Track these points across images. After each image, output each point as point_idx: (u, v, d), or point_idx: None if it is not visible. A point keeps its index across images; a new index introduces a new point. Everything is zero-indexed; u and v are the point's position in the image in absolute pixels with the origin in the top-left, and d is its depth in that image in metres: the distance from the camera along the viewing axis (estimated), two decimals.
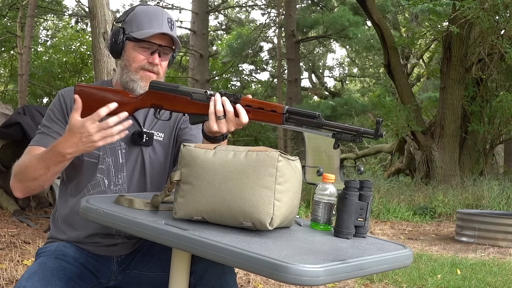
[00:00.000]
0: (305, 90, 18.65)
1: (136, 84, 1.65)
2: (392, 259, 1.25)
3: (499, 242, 5.29)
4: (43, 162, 1.52)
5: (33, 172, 1.53)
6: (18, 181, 1.58)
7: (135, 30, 1.64)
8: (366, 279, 3.54)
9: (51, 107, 1.68)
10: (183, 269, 1.43)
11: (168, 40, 1.66)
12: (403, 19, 16.66)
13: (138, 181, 1.68)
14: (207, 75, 13.30)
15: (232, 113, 1.47)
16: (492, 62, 8.83)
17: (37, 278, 1.44)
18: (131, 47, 1.65)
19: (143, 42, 1.63)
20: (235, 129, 1.50)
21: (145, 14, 1.66)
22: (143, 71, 1.65)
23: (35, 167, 1.53)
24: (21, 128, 4.55)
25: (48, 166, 1.51)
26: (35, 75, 14.11)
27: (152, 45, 1.64)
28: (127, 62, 1.66)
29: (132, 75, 1.65)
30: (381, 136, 1.33)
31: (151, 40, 1.63)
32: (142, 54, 1.65)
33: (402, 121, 8.96)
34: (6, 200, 4.89)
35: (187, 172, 1.29)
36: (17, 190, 1.60)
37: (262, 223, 1.22)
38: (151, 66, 1.65)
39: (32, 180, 1.55)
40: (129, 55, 1.66)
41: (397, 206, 7.26)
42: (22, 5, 9.66)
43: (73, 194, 1.66)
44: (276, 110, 1.44)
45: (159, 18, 1.65)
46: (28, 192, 1.61)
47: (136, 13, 1.66)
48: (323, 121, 1.39)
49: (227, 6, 18.88)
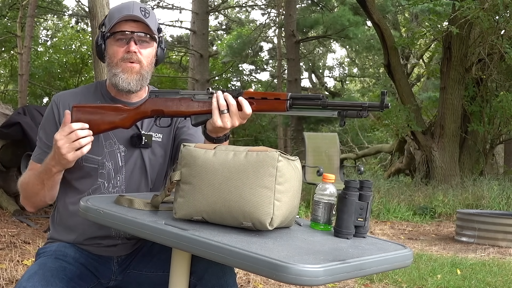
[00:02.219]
0: (305, 90, 18.65)
1: (117, 78, 1.63)
2: (392, 259, 1.25)
3: (499, 242, 5.29)
4: (38, 178, 1.59)
5: (33, 188, 1.61)
6: (24, 198, 1.68)
7: (108, 26, 1.64)
8: (366, 279, 3.54)
9: (46, 116, 1.70)
10: (183, 269, 1.43)
11: (144, 27, 1.63)
12: (403, 19, 16.66)
13: (137, 182, 1.68)
14: (207, 75, 13.29)
15: (235, 106, 1.47)
16: (492, 62, 8.83)
17: (37, 278, 1.44)
18: (110, 44, 1.64)
19: (117, 34, 1.61)
20: (240, 123, 1.49)
21: (116, 9, 1.65)
22: (123, 63, 1.62)
23: (33, 183, 1.61)
24: (21, 128, 4.55)
25: (42, 180, 1.58)
26: (35, 75, 14.11)
27: (125, 34, 1.62)
28: (109, 60, 1.65)
29: (114, 70, 1.63)
30: (387, 107, 1.33)
31: (122, 29, 1.61)
32: (119, 47, 1.62)
33: (402, 121, 8.96)
34: (6, 200, 4.89)
35: (187, 172, 1.29)
36: (26, 206, 1.69)
37: (262, 223, 1.22)
38: (129, 55, 1.62)
39: (33, 196, 1.63)
40: (110, 52, 1.64)
41: (397, 206, 7.26)
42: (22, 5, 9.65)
43: (74, 199, 1.64)
44: (280, 97, 1.45)
45: (129, 7, 1.63)
46: (36, 207, 1.69)
47: (110, 11, 1.67)
48: (327, 101, 1.39)
49: (227, 6, 18.88)
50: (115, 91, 1.69)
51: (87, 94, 1.71)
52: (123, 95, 1.69)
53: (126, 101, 1.69)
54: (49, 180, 1.57)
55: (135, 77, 1.64)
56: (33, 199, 1.64)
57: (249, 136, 16.59)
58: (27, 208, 1.69)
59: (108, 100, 1.69)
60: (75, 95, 1.69)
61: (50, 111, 1.68)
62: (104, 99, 1.70)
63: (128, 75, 1.62)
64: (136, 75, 1.64)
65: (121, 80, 1.63)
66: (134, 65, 1.63)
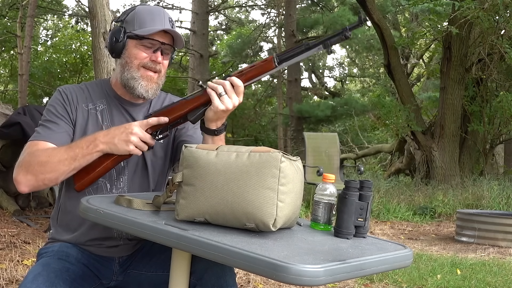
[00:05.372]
0: (305, 90, 18.66)
1: (137, 83, 1.64)
2: (392, 259, 1.24)
3: (499, 242, 5.29)
4: (72, 151, 1.51)
5: (57, 163, 1.50)
6: (29, 173, 1.52)
7: (137, 28, 1.63)
8: (366, 279, 3.54)
9: (52, 103, 1.65)
10: (183, 269, 1.43)
11: (170, 38, 1.66)
12: (403, 19, 16.65)
13: (139, 184, 1.68)
14: (207, 75, 13.30)
15: (229, 84, 1.52)
16: (492, 62, 8.83)
17: (42, 280, 1.43)
18: (133, 45, 1.64)
19: (146, 40, 1.63)
20: (239, 103, 1.54)
21: (147, 13, 1.66)
22: (144, 69, 1.64)
23: (60, 157, 1.50)
24: (21, 128, 4.55)
25: (76, 155, 1.51)
26: (35, 75, 14.11)
27: (154, 42, 1.63)
28: (128, 59, 1.65)
29: (133, 73, 1.64)
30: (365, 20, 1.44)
31: (154, 38, 1.63)
32: (144, 52, 1.64)
33: (402, 121, 8.96)
34: (6, 200, 4.89)
35: (189, 173, 1.29)
36: (25, 183, 1.53)
37: (266, 224, 1.21)
38: (153, 64, 1.64)
39: (51, 171, 1.50)
40: (131, 52, 1.64)
41: (397, 206, 7.26)
42: (22, 5, 9.66)
43: (75, 199, 1.62)
44: (267, 59, 1.50)
45: (161, 16, 1.65)
46: (38, 186, 1.54)
47: (138, 12, 1.66)
48: (311, 43, 1.46)
49: (227, 6, 18.88)
50: (122, 91, 1.69)
51: (92, 90, 1.71)
52: (130, 96, 1.69)
53: (131, 101, 1.71)
54: (84, 158, 1.51)
55: (154, 86, 1.67)
56: (47, 175, 1.50)
57: (249, 136, 16.59)
58: (22, 186, 1.53)
59: (113, 98, 1.70)
60: (81, 91, 1.69)
61: (60, 97, 1.65)
62: (109, 97, 1.70)
63: (149, 83, 1.65)
64: (155, 85, 1.67)
65: (140, 87, 1.64)
66: (155, 75, 1.66)
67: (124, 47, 1.66)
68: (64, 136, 1.61)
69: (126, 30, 1.65)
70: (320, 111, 13.46)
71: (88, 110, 1.66)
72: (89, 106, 1.67)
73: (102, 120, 1.66)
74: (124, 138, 1.51)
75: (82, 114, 1.65)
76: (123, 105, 1.70)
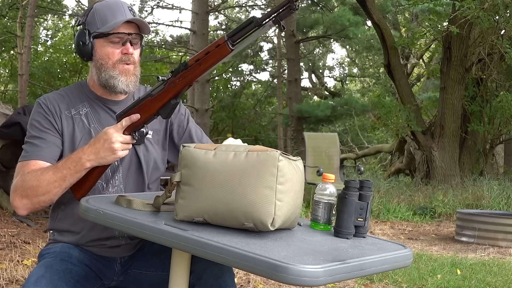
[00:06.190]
0: (305, 90, 18.64)
1: (116, 80, 1.63)
2: (392, 259, 1.25)
3: (499, 242, 5.29)
4: (59, 173, 1.50)
5: (47, 185, 1.50)
6: (24, 198, 1.53)
7: (100, 26, 1.62)
8: (366, 279, 3.54)
9: (35, 117, 1.63)
10: (183, 269, 1.43)
11: (135, 27, 1.65)
12: (403, 19, 16.65)
13: (134, 180, 1.68)
14: (207, 75, 13.29)
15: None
16: (492, 62, 8.82)
17: (45, 282, 1.43)
18: (101, 45, 1.63)
19: (112, 36, 1.61)
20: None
21: (106, 8, 1.64)
22: (120, 65, 1.63)
23: (49, 180, 1.50)
24: (21, 128, 4.54)
25: (64, 176, 1.50)
26: (35, 75, 14.10)
27: (121, 36, 1.62)
28: (102, 61, 1.64)
29: (110, 72, 1.63)
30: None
31: (120, 31, 1.61)
32: (114, 48, 1.63)
33: (402, 121, 8.95)
34: (6, 200, 4.88)
35: (187, 173, 1.29)
36: (22, 207, 1.54)
37: (264, 223, 1.21)
38: (126, 57, 1.63)
39: (44, 194, 1.51)
40: (102, 52, 1.63)
41: (397, 206, 7.26)
42: (22, 5, 9.64)
43: (74, 199, 1.61)
44: (219, 43, 1.42)
45: (120, 7, 1.63)
46: (35, 208, 1.56)
47: (97, 10, 1.64)
48: (259, 19, 1.37)
49: (227, 6, 18.87)
50: (102, 91, 1.69)
51: (71, 95, 1.69)
52: (111, 95, 1.69)
53: (113, 99, 1.70)
54: (73, 177, 1.50)
55: (133, 79, 1.66)
56: (41, 197, 1.51)
57: (249, 136, 16.58)
58: (21, 210, 1.54)
59: (95, 100, 1.69)
60: (62, 97, 1.67)
61: (41, 111, 1.63)
62: (90, 99, 1.69)
63: (127, 77, 1.64)
64: (133, 77, 1.66)
65: (121, 83, 1.64)
66: (130, 67, 1.65)
67: (92, 48, 1.64)
68: (53, 149, 1.60)
69: (90, 31, 1.63)
70: (320, 111, 13.44)
71: (72, 116, 1.65)
72: (72, 112, 1.65)
73: (88, 123, 1.65)
74: (108, 148, 1.48)
75: (67, 121, 1.64)
76: (106, 105, 1.69)
